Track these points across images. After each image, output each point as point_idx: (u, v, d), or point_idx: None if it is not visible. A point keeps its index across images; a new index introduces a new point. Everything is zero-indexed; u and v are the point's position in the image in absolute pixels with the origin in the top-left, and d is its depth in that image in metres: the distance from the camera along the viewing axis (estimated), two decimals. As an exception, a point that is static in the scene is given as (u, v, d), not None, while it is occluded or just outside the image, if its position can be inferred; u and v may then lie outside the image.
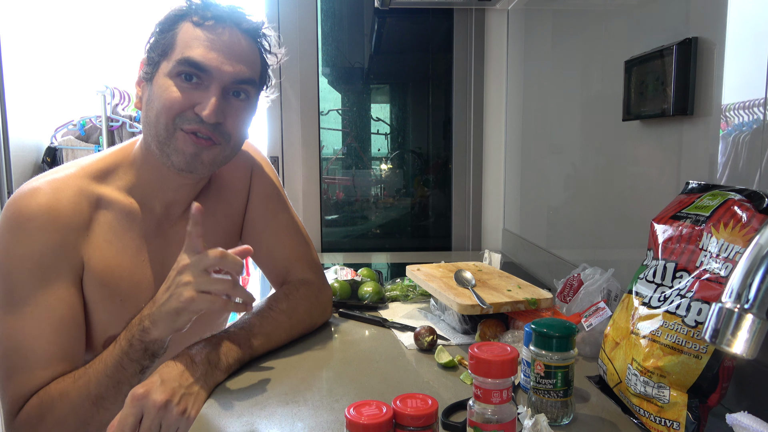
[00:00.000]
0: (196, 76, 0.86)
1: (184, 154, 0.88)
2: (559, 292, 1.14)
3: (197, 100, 0.86)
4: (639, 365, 0.72)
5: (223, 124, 0.89)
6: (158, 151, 0.89)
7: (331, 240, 2.32)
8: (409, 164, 2.41)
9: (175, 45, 0.87)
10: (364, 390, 0.86)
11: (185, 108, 0.86)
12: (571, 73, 1.46)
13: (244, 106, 0.92)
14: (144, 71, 0.90)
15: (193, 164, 0.90)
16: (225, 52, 0.87)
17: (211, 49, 0.86)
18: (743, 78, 0.81)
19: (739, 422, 0.57)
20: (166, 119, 0.86)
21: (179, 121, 0.87)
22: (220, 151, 0.91)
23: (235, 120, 0.91)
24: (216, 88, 0.87)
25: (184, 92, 0.86)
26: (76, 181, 0.87)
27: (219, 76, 0.87)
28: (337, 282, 1.34)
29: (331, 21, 2.27)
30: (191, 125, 0.87)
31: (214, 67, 0.86)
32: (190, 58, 0.85)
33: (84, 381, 0.82)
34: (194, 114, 0.86)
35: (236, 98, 0.91)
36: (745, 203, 0.68)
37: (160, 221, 0.96)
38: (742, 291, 0.47)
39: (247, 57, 0.90)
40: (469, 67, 2.21)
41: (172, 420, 0.74)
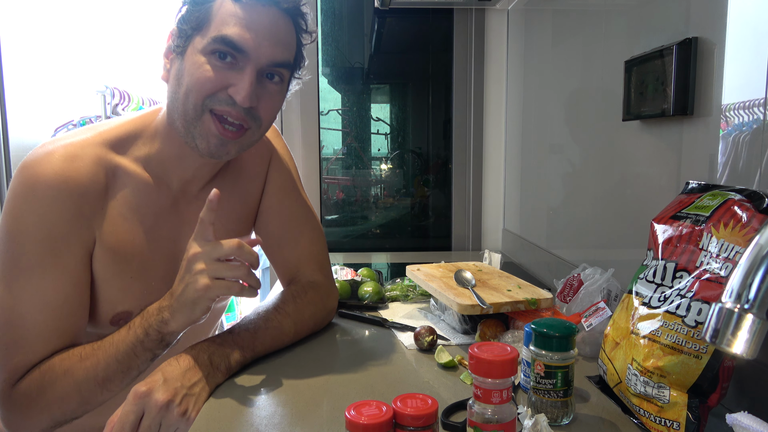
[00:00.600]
0: (231, 56, 0.82)
1: (209, 142, 0.85)
2: (559, 292, 1.14)
3: (231, 81, 0.82)
4: (639, 365, 0.72)
5: (256, 108, 0.86)
6: (183, 130, 0.85)
7: (331, 240, 2.31)
8: (409, 164, 2.41)
9: (211, 20, 0.82)
10: (364, 390, 0.86)
11: (218, 89, 0.82)
12: (571, 73, 1.46)
13: (278, 89, 0.89)
14: (175, 43, 0.85)
15: (218, 152, 0.86)
16: (263, 32, 0.82)
17: (248, 28, 0.81)
18: (743, 78, 0.81)
19: (739, 422, 0.57)
20: (195, 98, 0.82)
21: (210, 101, 0.83)
22: (249, 137, 0.88)
23: (268, 104, 0.87)
24: (252, 70, 0.82)
25: (218, 72, 0.82)
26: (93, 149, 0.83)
27: (255, 57, 0.82)
28: (337, 282, 1.34)
29: (331, 21, 2.27)
30: (222, 107, 0.83)
31: (251, 48, 0.82)
32: (227, 36, 0.80)
33: (92, 362, 0.80)
34: (227, 95, 0.83)
35: (270, 81, 0.87)
36: (745, 203, 0.68)
37: (176, 198, 0.93)
38: (742, 291, 0.47)
39: (284, 38, 0.86)
40: (469, 67, 2.21)
41: (173, 420, 0.74)
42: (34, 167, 0.78)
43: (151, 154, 0.89)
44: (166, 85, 0.87)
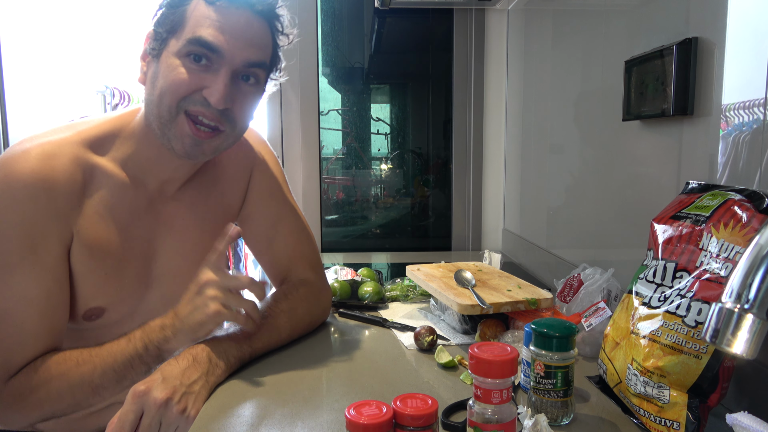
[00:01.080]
0: (206, 58, 0.83)
1: (184, 143, 0.86)
2: (559, 292, 1.14)
3: (206, 83, 0.83)
4: (639, 365, 0.72)
5: (231, 110, 0.87)
6: (159, 132, 0.87)
7: (331, 240, 2.32)
8: (409, 164, 2.41)
9: (186, 22, 0.83)
10: (364, 390, 0.86)
11: (192, 90, 0.83)
12: (571, 73, 1.46)
13: (252, 91, 0.90)
14: (150, 46, 0.86)
15: (194, 152, 0.88)
16: (237, 34, 0.84)
17: (222, 30, 0.82)
18: (743, 78, 0.81)
19: (739, 422, 0.57)
20: (170, 100, 0.84)
21: (184, 103, 0.84)
22: (223, 138, 0.89)
23: (243, 106, 0.88)
24: (226, 72, 0.84)
25: (193, 74, 0.83)
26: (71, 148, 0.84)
27: (230, 58, 0.84)
28: (337, 282, 1.34)
29: (331, 21, 2.27)
30: (196, 108, 0.84)
31: (226, 49, 0.83)
32: (201, 38, 0.81)
33: (88, 368, 0.81)
34: (201, 97, 0.84)
35: (245, 83, 0.88)
36: (745, 203, 0.68)
37: (152, 198, 0.95)
38: (742, 291, 0.47)
39: (259, 40, 0.87)
40: (469, 67, 2.21)
41: (172, 418, 0.74)
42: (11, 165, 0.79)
43: (129, 154, 0.90)
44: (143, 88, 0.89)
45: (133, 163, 0.91)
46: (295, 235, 1.13)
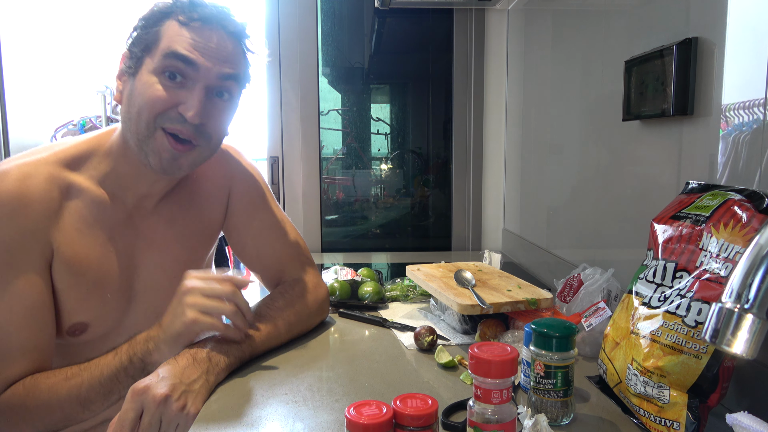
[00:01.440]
0: (181, 75, 0.86)
1: (161, 158, 0.88)
2: (559, 292, 1.14)
3: (181, 99, 0.86)
4: (639, 365, 0.72)
5: (205, 125, 0.89)
6: (136, 149, 0.89)
7: (331, 240, 2.32)
8: (409, 164, 2.41)
9: (160, 41, 0.86)
10: (364, 390, 0.86)
11: (168, 107, 0.86)
12: (571, 73, 1.46)
13: (226, 106, 0.92)
14: (126, 65, 0.89)
15: (171, 168, 0.90)
16: (211, 50, 0.87)
17: (197, 47, 0.86)
18: (743, 78, 0.81)
19: (739, 422, 0.57)
20: (147, 117, 0.86)
21: (161, 120, 0.86)
22: (199, 153, 0.92)
23: (217, 121, 0.91)
24: (201, 87, 0.87)
25: (169, 90, 0.86)
26: (47, 167, 0.86)
27: (204, 73, 0.86)
28: (337, 282, 1.34)
29: (331, 21, 2.27)
30: (173, 125, 0.87)
31: (201, 64, 0.86)
32: (177, 51, 0.84)
33: (76, 382, 0.82)
34: (177, 113, 0.86)
35: (219, 98, 0.91)
36: (745, 203, 0.68)
37: (130, 213, 0.96)
38: (742, 291, 0.47)
39: (231, 56, 0.90)
40: (469, 67, 2.21)
41: (172, 415, 0.75)
42: None
43: (106, 171, 0.92)
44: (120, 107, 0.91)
45: (111, 179, 0.93)
46: (282, 240, 1.14)
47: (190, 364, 0.81)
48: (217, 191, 1.10)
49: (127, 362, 0.83)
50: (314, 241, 2.25)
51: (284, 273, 1.12)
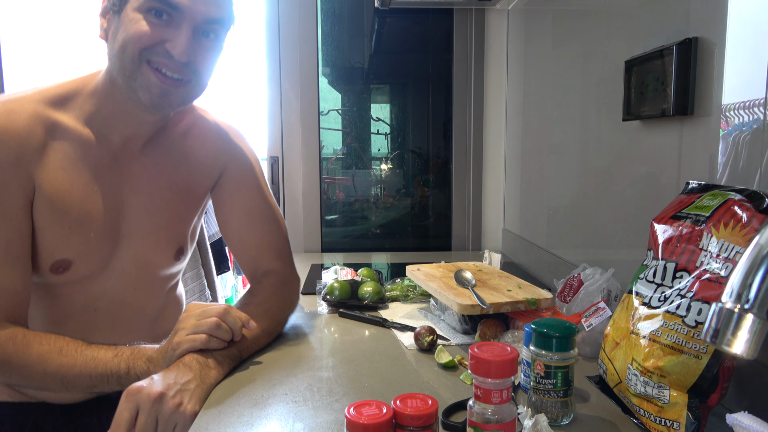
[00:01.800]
0: (167, 14, 0.86)
1: (151, 92, 0.88)
2: (559, 292, 1.15)
3: (168, 36, 0.86)
4: (639, 365, 0.72)
5: (194, 62, 0.89)
6: (125, 85, 0.88)
7: (331, 240, 2.32)
8: (409, 164, 2.41)
9: None
10: (364, 390, 0.86)
11: (154, 42, 0.86)
12: (571, 73, 1.46)
13: (212, 45, 0.92)
14: (110, 2, 0.89)
15: (161, 103, 0.90)
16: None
17: None
18: (743, 78, 0.81)
19: (739, 422, 0.57)
20: (132, 51, 0.85)
21: (146, 53, 0.86)
22: (189, 89, 0.91)
23: (204, 59, 0.91)
24: (188, 26, 0.86)
25: (154, 27, 0.85)
26: (31, 105, 0.86)
27: (190, 14, 0.86)
28: (337, 282, 1.34)
29: (331, 21, 2.27)
30: (159, 58, 0.86)
31: (186, 6, 0.85)
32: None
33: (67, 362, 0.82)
34: (164, 49, 0.86)
35: (206, 38, 0.90)
36: (745, 203, 0.68)
37: (116, 154, 0.96)
38: (743, 291, 0.47)
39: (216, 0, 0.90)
40: (469, 67, 2.21)
41: (167, 413, 0.74)
42: None
43: (92, 111, 0.92)
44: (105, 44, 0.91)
45: (97, 119, 0.92)
46: (266, 225, 1.15)
47: (181, 369, 0.82)
48: (211, 162, 1.11)
49: (124, 372, 0.84)
50: (314, 241, 2.25)
51: (258, 260, 1.13)
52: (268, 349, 1.05)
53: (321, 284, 1.38)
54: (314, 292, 1.43)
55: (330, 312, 1.28)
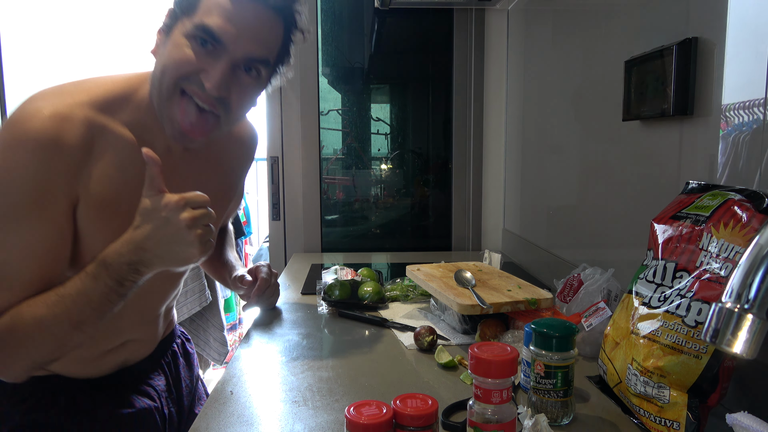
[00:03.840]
0: (210, 44, 0.85)
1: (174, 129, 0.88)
2: (559, 292, 1.14)
3: (205, 67, 0.85)
4: (639, 365, 0.72)
5: (227, 98, 0.88)
6: (156, 108, 0.89)
7: (331, 240, 2.32)
8: (409, 164, 2.41)
9: (198, 6, 0.85)
10: (364, 390, 0.86)
11: (193, 72, 0.86)
12: (571, 74, 1.46)
13: (253, 83, 0.91)
14: (165, 22, 0.89)
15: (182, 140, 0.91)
16: (244, 27, 0.85)
17: (230, 21, 0.84)
18: (743, 78, 0.81)
19: (739, 422, 0.57)
20: (170, 77, 0.86)
21: (182, 82, 0.86)
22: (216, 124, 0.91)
23: (240, 95, 0.90)
24: (226, 61, 0.85)
25: (196, 55, 0.85)
26: (83, 110, 0.85)
27: (232, 50, 0.85)
28: (337, 282, 1.34)
29: (331, 21, 2.27)
30: (192, 87, 0.86)
31: (229, 41, 0.85)
32: (207, 26, 0.84)
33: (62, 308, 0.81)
34: (199, 79, 0.86)
35: (246, 74, 0.89)
36: (745, 203, 0.68)
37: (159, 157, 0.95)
38: (742, 291, 0.47)
39: (265, 35, 0.88)
40: (469, 67, 2.21)
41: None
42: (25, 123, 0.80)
43: (137, 118, 0.91)
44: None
45: (141, 126, 0.92)
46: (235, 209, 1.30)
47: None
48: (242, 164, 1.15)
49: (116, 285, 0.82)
50: (314, 241, 2.25)
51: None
52: (268, 348, 1.05)
53: (321, 284, 1.38)
54: (314, 292, 1.43)
55: (330, 312, 1.28)
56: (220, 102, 0.87)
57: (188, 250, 0.82)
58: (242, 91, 0.89)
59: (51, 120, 0.81)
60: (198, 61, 0.85)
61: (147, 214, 0.82)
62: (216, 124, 0.90)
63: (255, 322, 1.20)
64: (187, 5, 0.86)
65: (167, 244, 0.82)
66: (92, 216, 0.87)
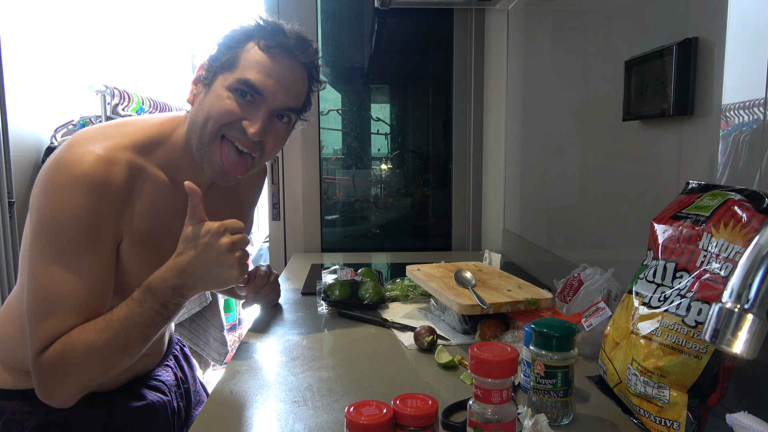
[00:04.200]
0: (251, 96, 0.95)
1: (213, 169, 0.98)
2: (559, 292, 1.15)
3: (247, 116, 0.95)
4: (639, 365, 0.72)
5: (264, 142, 0.98)
6: (195, 151, 0.98)
7: (331, 240, 2.32)
8: (409, 164, 2.41)
9: (238, 62, 0.96)
10: (364, 390, 0.86)
11: (233, 120, 0.95)
12: (571, 73, 1.46)
13: (284, 128, 1.02)
14: (204, 75, 0.98)
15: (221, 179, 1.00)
16: (280, 81, 0.96)
17: (269, 76, 0.95)
18: (743, 78, 0.81)
19: (739, 422, 0.57)
20: (213, 125, 0.95)
21: (224, 129, 0.96)
22: (251, 164, 1.01)
23: (274, 139, 1.00)
24: (265, 110, 0.96)
25: (239, 106, 0.95)
26: (126, 154, 0.94)
27: (270, 101, 0.96)
28: (337, 282, 1.34)
29: (331, 21, 2.27)
30: (233, 133, 0.96)
31: (269, 93, 0.95)
32: (250, 81, 0.94)
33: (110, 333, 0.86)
34: (240, 126, 0.95)
35: (279, 120, 1.00)
36: (745, 203, 0.68)
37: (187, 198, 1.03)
38: (742, 291, 0.47)
39: (297, 88, 1.00)
40: (469, 67, 2.21)
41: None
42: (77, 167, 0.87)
43: (169, 159, 1.00)
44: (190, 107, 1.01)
45: (172, 167, 1.00)
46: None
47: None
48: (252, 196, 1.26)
49: (161, 308, 0.88)
50: (314, 241, 2.25)
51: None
52: (268, 348, 1.05)
53: (321, 284, 1.38)
54: (314, 292, 1.43)
55: (330, 312, 1.28)
56: (257, 145, 0.98)
57: (228, 272, 0.90)
58: (276, 135, 1.00)
59: (100, 163, 0.89)
60: (240, 111, 0.95)
61: (190, 241, 0.90)
62: (252, 164, 1.01)
63: (255, 322, 1.20)
64: (228, 63, 0.96)
65: (209, 267, 0.90)
66: (133, 251, 0.95)
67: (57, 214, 0.87)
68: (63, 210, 0.87)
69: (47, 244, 0.87)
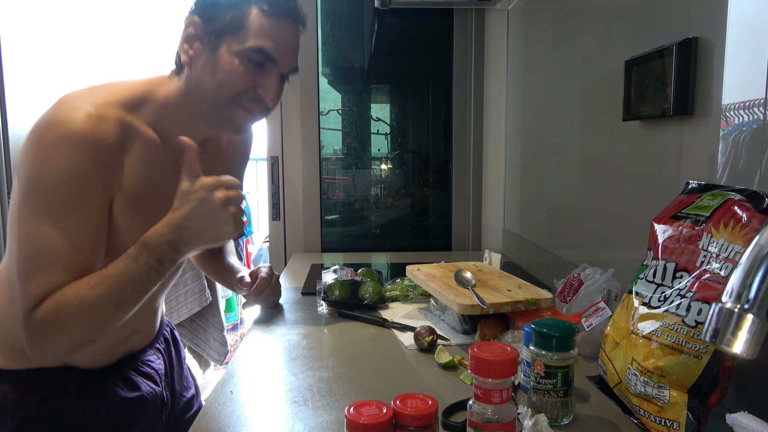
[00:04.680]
0: (263, 63, 0.96)
1: (234, 125, 0.99)
2: (559, 292, 1.14)
3: (261, 83, 0.97)
4: (639, 365, 0.72)
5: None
6: (208, 112, 0.98)
7: (331, 240, 2.32)
8: (409, 164, 2.41)
9: (246, 28, 0.94)
10: (364, 390, 0.86)
11: (248, 87, 0.96)
12: (571, 73, 1.46)
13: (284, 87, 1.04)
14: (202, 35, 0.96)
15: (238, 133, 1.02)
16: (288, 45, 0.98)
17: (278, 42, 0.96)
18: (743, 78, 0.81)
19: (739, 422, 0.57)
20: (228, 92, 0.95)
21: (239, 97, 0.96)
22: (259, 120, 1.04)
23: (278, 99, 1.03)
24: (277, 75, 0.98)
25: (251, 74, 0.96)
26: (115, 111, 0.93)
27: (282, 66, 0.98)
28: (337, 282, 1.34)
29: (331, 21, 2.27)
30: (250, 103, 0.97)
31: (280, 60, 0.97)
32: (264, 49, 0.94)
33: (105, 288, 0.86)
34: (255, 94, 0.97)
35: (283, 83, 1.02)
36: (745, 203, 0.68)
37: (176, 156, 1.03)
38: (743, 291, 0.47)
39: (297, 47, 1.02)
40: (469, 67, 2.21)
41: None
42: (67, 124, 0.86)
43: (159, 117, 0.99)
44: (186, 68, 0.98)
45: (162, 125, 0.99)
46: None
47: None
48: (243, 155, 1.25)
49: (156, 263, 0.88)
50: (314, 241, 2.25)
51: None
52: (268, 348, 1.05)
53: (321, 284, 1.38)
54: (314, 292, 1.43)
55: (330, 312, 1.28)
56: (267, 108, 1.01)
57: (224, 227, 0.90)
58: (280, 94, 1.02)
59: (91, 120, 0.88)
60: (254, 79, 0.96)
61: (185, 196, 0.91)
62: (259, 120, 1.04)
63: (255, 322, 1.20)
64: (232, 25, 0.94)
65: (204, 222, 0.90)
66: (125, 210, 0.94)
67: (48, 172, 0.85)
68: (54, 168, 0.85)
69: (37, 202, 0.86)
